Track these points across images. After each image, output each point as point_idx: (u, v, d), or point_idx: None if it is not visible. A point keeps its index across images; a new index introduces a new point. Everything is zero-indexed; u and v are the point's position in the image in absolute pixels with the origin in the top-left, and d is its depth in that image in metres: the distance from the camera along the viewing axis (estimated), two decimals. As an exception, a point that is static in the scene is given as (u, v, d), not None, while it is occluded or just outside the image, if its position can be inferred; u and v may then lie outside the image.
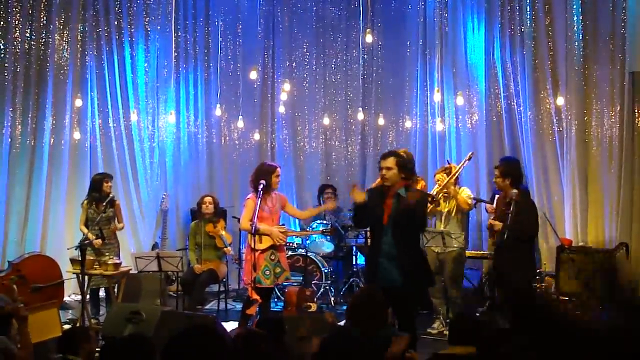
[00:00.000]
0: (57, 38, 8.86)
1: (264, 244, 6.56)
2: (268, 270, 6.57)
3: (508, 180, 6.48)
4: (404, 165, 5.60)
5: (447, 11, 9.56)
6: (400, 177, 5.57)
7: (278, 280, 6.74)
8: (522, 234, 6.38)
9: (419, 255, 5.67)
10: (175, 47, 9.63)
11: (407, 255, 5.46)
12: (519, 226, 6.29)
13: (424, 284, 5.80)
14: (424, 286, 5.98)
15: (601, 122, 8.21)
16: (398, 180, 5.58)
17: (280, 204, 6.84)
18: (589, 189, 8.29)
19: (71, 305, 8.45)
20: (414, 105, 10.03)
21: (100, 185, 7.76)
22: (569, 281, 7.12)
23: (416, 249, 5.68)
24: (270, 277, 6.58)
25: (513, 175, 6.52)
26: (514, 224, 6.25)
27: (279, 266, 6.67)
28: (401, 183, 5.59)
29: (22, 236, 8.65)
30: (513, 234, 6.30)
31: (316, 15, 10.43)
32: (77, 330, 4.45)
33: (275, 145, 10.44)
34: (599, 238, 8.16)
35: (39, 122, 8.79)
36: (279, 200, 6.84)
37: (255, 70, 9.52)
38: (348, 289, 8.92)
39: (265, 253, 6.57)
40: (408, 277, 5.42)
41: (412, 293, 5.49)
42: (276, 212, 6.77)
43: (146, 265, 7.37)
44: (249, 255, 6.57)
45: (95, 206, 7.71)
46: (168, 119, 9.59)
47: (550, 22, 8.59)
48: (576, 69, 8.29)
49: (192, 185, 9.96)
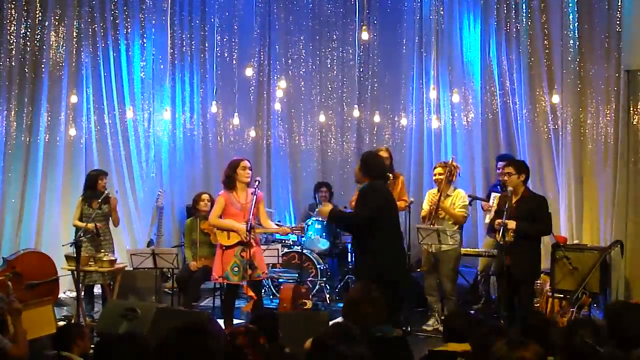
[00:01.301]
0: (52, 34, 8.83)
1: (232, 240, 6.54)
2: (237, 266, 6.52)
3: (522, 177, 6.50)
4: (362, 163, 6.20)
5: (443, 9, 9.56)
6: (360, 175, 6.18)
7: (249, 278, 6.53)
8: (547, 230, 6.64)
9: (365, 253, 5.97)
10: (171, 44, 9.62)
11: (358, 251, 6.10)
12: (542, 226, 6.47)
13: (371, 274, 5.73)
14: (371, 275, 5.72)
15: (596, 120, 8.23)
16: (360, 177, 6.20)
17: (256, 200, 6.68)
18: (584, 187, 8.31)
19: (66, 302, 8.45)
20: (410, 103, 10.05)
21: (95, 182, 7.76)
22: (564, 279, 7.14)
23: (362, 246, 6.00)
24: (239, 273, 6.50)
25: (526, 172, 6.57)
26: (541, 221, 6.43)
27: (250, 263, 6.54)
28: (364, 180, 6.12)
29: (17, 233, 8.63)
30: (536, 232, 6.46)
31: (312, 12, 10.42)
32: (71, 327, 4.44)
33: (270, 142, 10.44)
34: (594, 236, 8.18)
35: (34, 119, 8.76)
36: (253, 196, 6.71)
37: (251, 67, 9.51)
38: (343, 286, 8.92)
39: (233, 249, 6.52)
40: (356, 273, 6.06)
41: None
42: (248, 209, 6.59)
43: (141, 262, 7.35)
44: (219, 251, 6.60)
45: (90, 203, 7.70)
46: (163, 116, 9.57)
47: (546, 20, 8.60)
48: (572, 67, 8.31)
49: (188, 182, 9.96)
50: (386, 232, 5.98)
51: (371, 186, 6.05)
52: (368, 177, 6.10)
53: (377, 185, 6.08)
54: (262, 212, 6.88)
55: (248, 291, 6.57)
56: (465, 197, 7.39)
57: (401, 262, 6.31)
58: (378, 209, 5.90)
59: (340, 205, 9.27)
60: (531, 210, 6.40)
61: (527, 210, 6.38)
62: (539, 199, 6.62)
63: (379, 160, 6.45)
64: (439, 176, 7.30)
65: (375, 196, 5.98)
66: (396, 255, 6.10)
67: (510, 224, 6.33)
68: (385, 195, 6.17)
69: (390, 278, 5.80)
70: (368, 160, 6.21)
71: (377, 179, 6.13)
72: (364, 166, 6.15)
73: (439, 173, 7.31)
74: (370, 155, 6.43)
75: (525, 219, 6.33)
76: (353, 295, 4.35)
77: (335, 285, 9.02)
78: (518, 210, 6.40)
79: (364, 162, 6.18)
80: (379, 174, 6.17)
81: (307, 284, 8.58)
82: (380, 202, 5.98)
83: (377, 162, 6.30)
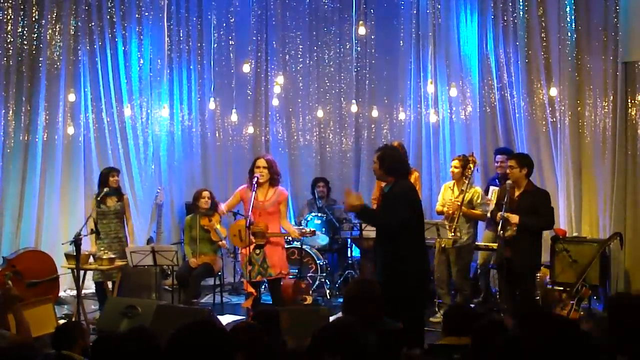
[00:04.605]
0: (49, 33, 8.81)
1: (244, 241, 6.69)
2: (250, 264, 6.59)
3: (524, 170, 6.50)
4: (382, 159, 5.56)
5: (440, 2, 9.54)
6: (382, 172, 5.58)
7: (258, 277, 6.69)
8: (550, 225, 6.70)
9: (396, 255, 5.41)
10: (169, 41, 9.60)
11: (384, 253, 5.49)
12: (544, 220, 6.49)
13: (398, 283, 5.36)
14: (398, 285, 5.37)
15: (594, 113, 8.23)
16: (382, 175, 5.62)
17: (277, 199, 6.82)
18: (583, 179, 8.32)
19: (66, 300, 8.46)
20: (408, 97, 10.04)
21: (106, 179, 7.79)
22: (564, 271, 7.16)
23: (393, 248, 5.44)
24: (252, 270, 6.58)
25: (529, 166, 6.55)
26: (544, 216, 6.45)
27: (265, 262, 6.67)
28: (388, 179, 5.58)
29: (17, 232, 8.62)
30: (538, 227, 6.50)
31: (309, 8, 10.41)
32: (70, 326, 4.44)
33: (269, 138, 10.44)
34: (593, 228, 8.20)
35: (32, 118, 8.75)
36: (277, 195, 6.84)
37: (249, 64, 9.50)
38: (343, 281, 8.94)
39: (249, 248, 6.58)
40: (384, 276, 5.43)
41: (393, 291, 5.15)
42: (265, 208, 6.73)
43: (141, 259, 7.36)
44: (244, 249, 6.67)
45: (103, 201, 7.73)
46: (162, 113, 9.57)
47: (543, 12, 8.60)
48: (569, 60, 8.30)
49: (187, 179, 9.96)
50: (415, 236, 5.56)
51: (402, 189, 5.53)
52: (393, 175, 5.57)
53: (407, 188, 5.59)
54: (282, 213, 6.89)
55: (248, 287, 6.60)
56: (482, 194, 7.42)
57: (426, 266, 5.83)
58: (410, 218, 5.46)
59: (339, 201, 9.32)
60: (534, 204, 6.42)
61: (530, 204, 6.40)
62: (541, 193, 6.63)
63: (400, 155, 5.95)
64: (454, 169, 7.35)
65: (410, 203, 5.51)
66: (423, 260, 5.67)
67: (513, 218, 6.34)
68: (417, 200, 5.75)
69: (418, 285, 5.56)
70: (390, 157, 5.61)
71: (403, 177, 5.64)
72: (387, 163, 5.57)
73: (455, 166, 7.36)
74: (390, 151, 5.77)
75: (528, 213, 6.35)
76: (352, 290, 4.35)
77: (335, 280, 9.03)
78: (520, 203, 6.42)
79: (386, 159, 5.58)
80: (404, 172, 5.72)
81: (307, 279, 8.60)
82: (413, 211, 5.52)
83: (399, 158, 5.78)
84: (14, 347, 3.62)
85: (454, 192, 7.37)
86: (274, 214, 6.81)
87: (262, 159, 6.85)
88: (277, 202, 6.81)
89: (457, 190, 7.34)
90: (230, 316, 7.45)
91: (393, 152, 5.73)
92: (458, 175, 7.32)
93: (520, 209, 6.38)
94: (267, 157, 6.99)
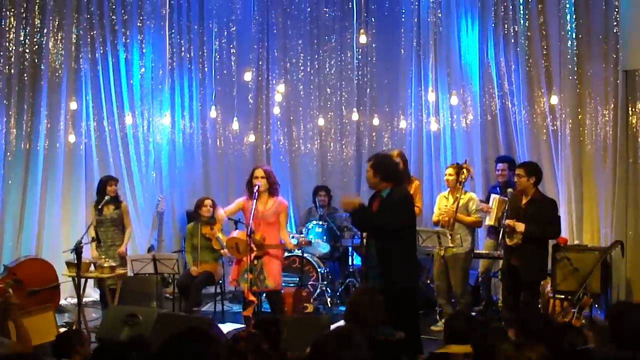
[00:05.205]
0: (51, 41, 8.84)
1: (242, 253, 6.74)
2: (246, 273, 6.58)
3: (532, 179, 6.49)
4: (377, 167, 5.66)
5: (441, 11, 9.57)
6: (377, 180, 5.65)
7: (255, 287, 6.65)
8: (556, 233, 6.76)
9: (395, 258, 5.52)
10: (170, 49, 9.62)
11: (383, 257, 5.55)
12: (550, 229, 6.51)
13: (400, 286, 5.51)
14: (401, 288, 5.52)
15: (595, 121, 8.24)
16: (377, 183, 5.67)
17: (277, 210, 6.82)
18: (584, 188, 8.31)
19: (67, 308, 8.45)
20: (409, 106, 10.05)
21: (104, 188, 7.83)
22: (565, 279, 7.14)
23: (392, 252, 5.54)
24: (247, 280, 6.56)
25: (537, 174, 6.55)
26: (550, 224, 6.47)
27: (261, 273, 6.66)
28: (384, 185, 5.65)
29: (18, 240, 8.62)
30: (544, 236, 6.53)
31: (310, 17, 10.44)
32: (71, 334, 4.44)
33: (270, 146, 10.45)
34: (594, 236, 8.19)
35: (34, 126, 8.75)
36: (276, 205, 6.84)
37: (250, 72, 9.49)
38: (344, 289, 8.92)
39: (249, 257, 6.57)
40: (384, 279, 5.50)
41: (395, 294, 5.30)
42: (265, 218, 6.74)
43: (142, 267, 7.36)
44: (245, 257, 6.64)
45: (101, 210, 7.74)
46: (163, 121, 9.58)
47: (544, 21, 8.61)
48: (570, 68, 8.31)
49: (188, 187, 9.96)
50: (409, 241, 5.75)
51: (403, 194, 5.70)
52: (390, 181, 5.66)
53: (407, 194, 5.82)
54: (282, 223, 6.88)
55: (249, 296, 6.58)
56: (477, 200, 7.41)
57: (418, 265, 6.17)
58: (408, 225, 5.66)
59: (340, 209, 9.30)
60: (540, 212, 6.42)
61: (537, 212, 6.40)
62: (548, 202, 6.63)
63: (393, 161, 6.04)
64: (448, 177, 7.34)
65: (409, 209, 5.71)
66: (415, 264, 5.91)
67: (519, 226, 6.34)
68: (413, 207, 5.93)
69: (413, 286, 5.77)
70: (384, 164, 5.72)
71: (399, 183, 5.78)
72: (382, 170, 5.66)
73: (449, 174, 7.35)
74: (382, 158, 5.87)
75: (535, 221, 6.35)
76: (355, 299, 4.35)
77: (336, 288, 9.01)
78: (527, 212, 6.43)
79: (380, 167, 5.67)
80: (400, 178, 5.86)
81: (308, 287, 8.58)
82: (412, 218, 5.77)
83: (393, 164, 5.92)
84: (14, 355, 3.60)
85: (449, 200, 7.36)
86: (274, 224, 6.82)
87: (260, 169, 6.86)
88: (276, 213, 6.81)
89: (451, 198, 7.33)
90: (231, 324, 7.44)
91: (385, 159, 5.85)
92: (452, 183, 7.31)
93: (527, 217, 6.38)
94: (264, 167, 7.03)
